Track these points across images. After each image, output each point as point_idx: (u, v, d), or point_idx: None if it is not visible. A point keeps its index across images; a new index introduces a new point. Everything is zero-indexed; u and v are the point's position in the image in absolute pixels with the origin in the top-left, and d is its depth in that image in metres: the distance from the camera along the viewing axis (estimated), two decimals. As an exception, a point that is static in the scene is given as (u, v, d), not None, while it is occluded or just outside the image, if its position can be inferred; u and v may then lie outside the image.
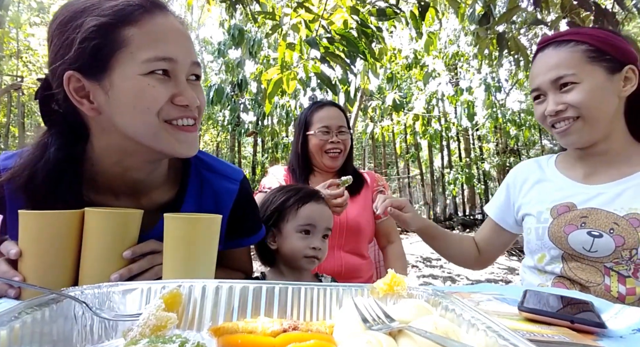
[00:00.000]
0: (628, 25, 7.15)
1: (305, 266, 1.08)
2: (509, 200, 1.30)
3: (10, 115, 8.77)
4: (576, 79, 1.02)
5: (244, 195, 1.02)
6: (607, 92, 1.03)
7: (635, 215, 1.00)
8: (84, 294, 0.55)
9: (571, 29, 1.09)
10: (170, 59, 0.76)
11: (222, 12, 6.27)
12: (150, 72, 0.74)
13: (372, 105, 8.44)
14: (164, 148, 0.80)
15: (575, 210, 1.08)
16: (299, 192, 1.14)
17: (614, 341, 0.56)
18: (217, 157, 1.06)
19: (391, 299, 0.61)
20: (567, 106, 1.04)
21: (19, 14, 10.29)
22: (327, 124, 1.66)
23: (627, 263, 1.01)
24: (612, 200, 1.04)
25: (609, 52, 1.03)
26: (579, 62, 1.03)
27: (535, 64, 1.12)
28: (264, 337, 0.50)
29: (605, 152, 1.10)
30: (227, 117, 9.55)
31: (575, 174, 1.16)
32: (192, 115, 0.82)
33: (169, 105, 0.78)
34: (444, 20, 7.56)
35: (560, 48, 1.06)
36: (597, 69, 1.02)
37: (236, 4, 2.84)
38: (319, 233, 1.09)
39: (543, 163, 1.27)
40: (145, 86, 0.74)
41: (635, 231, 0.99)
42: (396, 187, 12.79)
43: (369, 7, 2.39)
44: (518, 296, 0.70)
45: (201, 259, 0.75)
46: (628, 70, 1.04)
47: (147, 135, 0.78)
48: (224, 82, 8.47)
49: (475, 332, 0.47)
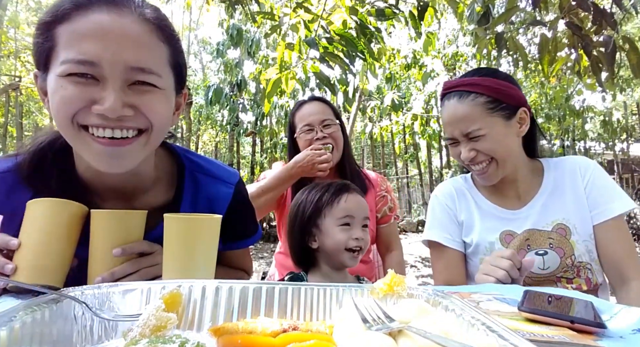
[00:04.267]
0: (626, 26, 7.17)
1: (348, 262, 1.06)
2: (453, 218, 1.31)
3: (9, 115, 8.75)
4: (481, 132, 1.14)
5: (239, 198, 1.01)
6: (509, 136, 1.17)
7: (560, 225, 1.18)
8: (84, 294, 0.54)
9: (468, 79, 1.20)
10: (89, 62, 0.68)
11: (221, 12, 6.27)
12: (67, 74, 0.69)
13: (371, 106, 8.43)
14: (86, 158, 0.75)
15: (517, 235, 1.21)
16: (330, 186, 1.12)
17: (613, 341, 0.56)
18: (211, 159, 1.04)
19: (391, 299, 0.61)
20: (478, 152, 1.17)
21: (17, 14, 10.27)
22: (308, 121, 1.58)
23: (571, 268, 1.16)
24: (538, 219, 1.20)
25: (504, 101, 1.16)
26: (481, 115, 1.15)
27: (444, 111, 1.23)
28: (264, 337, 0.50)
29: (514, 181, 1.25)
30: (225, 117, 9.53)
31: (500, 201, 1.28)
32: (116, 125, 0.72)
33: (86, 112, 0.71)
34: (442, 20, 7.57)
35: (463, 101, 1.17)
36: (496, 119, 1.15)
37: (235, 4, 2.84)
38: (358, 223, 1.08)
39: (466, 186, 1.35)
40: (58, 88, 0.69)
41: (566, 239, 1.17)
42: (395, 187, 12.79)
43: (368, 7, 2.39)
44: (518, 296, 0.70)
45: (201, 259, 0.75)
46: (521, 112, 1.18)
47: (70, 141, 0.74)
48: (223, 82, 8.46)
49: (475, 332, 0.47)
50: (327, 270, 1.09)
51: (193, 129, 12.35)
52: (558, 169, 1.25)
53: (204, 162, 0.99)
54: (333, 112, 1.64)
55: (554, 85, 8.11)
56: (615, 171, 10.60)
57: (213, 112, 10.54)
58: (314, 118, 1.59)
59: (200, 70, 15.34)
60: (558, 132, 9.70)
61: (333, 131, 1.59)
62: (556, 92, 7.87)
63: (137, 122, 0.74)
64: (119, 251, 0.75)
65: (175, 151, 0.98)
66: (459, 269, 1.28)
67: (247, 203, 1.07)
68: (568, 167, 1.24)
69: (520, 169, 1.25)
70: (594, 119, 9.82)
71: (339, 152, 1.62)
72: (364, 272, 1.58)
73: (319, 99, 1.70)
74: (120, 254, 0.75)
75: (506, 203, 1.26)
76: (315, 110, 1.61)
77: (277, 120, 9.67)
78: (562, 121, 8.76)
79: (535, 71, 7.13)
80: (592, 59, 2.01)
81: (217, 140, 13.21)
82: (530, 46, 6.90)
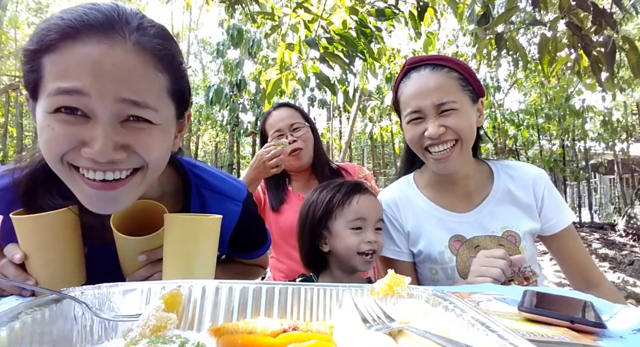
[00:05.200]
0: (626, 26, 7.17)
1: (360, 266, 1.02)
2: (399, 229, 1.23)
3: (9, 115, 8.75)
4: (455, 106, 1.07)
5: (247, 216, 0.97)
6: (473, 120, 1.12)
7: (510, 232, 1.15)
8: (84, 294, 0.55)
9: (437, 55, 1.18)
10: (76, 91, 0.61)
11: (221, 12, 6.27)
12: (55, 109, 0.63)
13: (371, 106, 8.43)
14: (78, 198, 0.70)
15: (466, 241, 1.16)
16: (342, 187, 1.09)
17: (613, 341, 0.56)
18: (218, 173, 0.98)
19: (391, 299, 0.61)
20: (447, 129, 1.07)
21: (17, 14, 10.27)
22: (278, 127, 1.63)
23: (517, 274, 1.14)
24: (487, 224, 1.16)
25: (471, 83, 1.12)
26: (456, 89, 1.09)
27: (411, 83, 1.13)
28: (264, 337, 0.50)
29: (464, 177, 1.19)
30: (226, 117, 9.53)
31: (446, 203, 1.21)
32: (107, 168, 0.66)
33: (76, 153, 0.65)
34: (442, 20, 7.56)
35: (436, 72, 1.10)
36: (466, 98, 1.10)
37: (235, 4, 2.84)
38: (370, 226, 1.04)
39: (409, 191, 1.26)
40: (45, 127, 0.63)
41: (515, 246, 1.13)
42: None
43: (367, 7, 2.39)
44: (518, 296, 0.70)
45: (201, 259, 0.75)
46: (480, 103, 1.15)
47: (62, 178, 0.70)
48: (223, 82, 8.46)
49: (475, 332, 0.47)
50: (338, 274, 1.06)
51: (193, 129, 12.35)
52: (508, 175, 1.21)
53: (210, 178, 0.94)
54: (302, 116, 1.70)
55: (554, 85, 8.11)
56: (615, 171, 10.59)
57: (213, 112, 10.54)
58: (283, 123, 1.65)
59: (200, 71, 15.36)
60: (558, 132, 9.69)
61: (302, 134, 1.64)
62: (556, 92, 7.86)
63: (131, 163, 0.69)
64: (144, 257, 0.75)
65: (182, 165, 0.94)
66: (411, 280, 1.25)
67: (254, 218, 1.03)
68: (518, 175, 1.20)
69: (471, 165, 1.20)
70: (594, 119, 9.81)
71: (310, 152, 1.67)
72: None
73: (287, 105, 1.76)
74: (145, 261, 0.76)
75: (454, 205, 1.20)
76: (284, 115, 1.67)
77: (277, 120, 9.65)
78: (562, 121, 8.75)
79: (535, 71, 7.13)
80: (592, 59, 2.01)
81: (217, 140, 13.21)
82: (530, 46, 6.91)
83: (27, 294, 0.71)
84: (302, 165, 1.66)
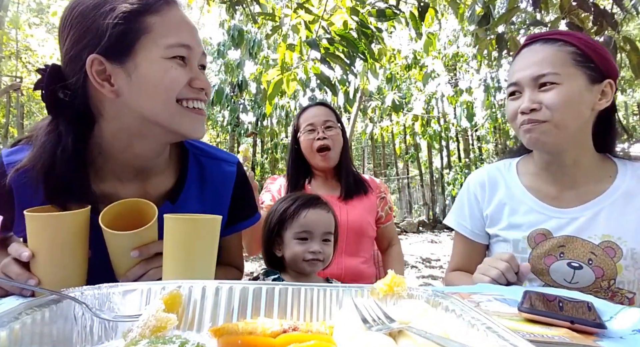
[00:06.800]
0: (627, 26, 7.16)
1: (308, 269, 1.12)
2: (476, 209, 1.21)
3: (10, 116, 8.76)
4: (557, 80, 0.97)
5: (241, 177, 1.06)
6: (583, 101, 0.99)
7: (610, 243, 0.99)
8: (83, 295, 0.55)
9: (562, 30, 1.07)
10: (187, 46, 0.82)
11: (221, 12, 6.28)
12: (172, 57, 0.80)
13: (372, 106, 8.43)
14: (179, 128, 0.85)
15: (551, 238, 1.05)
16: (297, 200, 1.18)
17: (614, 342, 0.56)
18: (210, 144, 1.12)
19: (391, 300, 0.61)
20: (542, 106, 0.98)
21: (18, 15, 10.28)
22: (312, 121, 1.67)
23: (605, 291, 1.00)
24: (585, 227, 1.03)
25: (594, 60, 0.99)
26: (564, 63, 0.99)
27: (519, 58, 1.07)
28: (264, 337, 0.50)
29: (573, 165, 1.06)
30: (226, 117, 9.54)
31: (544, 194, 1.10)
32: (204, 98, 0.88)
33: (187, 88, 0.83)
34: (443, 21, 7.57)
35: (547, 45, 1.02)
36: (579, 74, 0.99)
37: (236, 5, 2.84)
38: (317, 238, 1.13)
39: (505, 173, 1.19)
40: (169, 68, 0.80)
41: (612, 261, 0.99)
42: (395, 187, 12.78)
43: (368, 7, 2.39)
44: (518, 296, 0.70)
45: (201, 260, 0.75)
46: (607, 84, 1.01)
47: (165, 115, 0.82)
48: (224, 82, 8.47)
49: (475, 332, 0.47)
50: (294, 274, 1.15)
51: (194, 130, 12.31)
52: (635, 176, 1.04)
53: (205, 146, 1.06)
54: (335, 117, 1.73)
55: (554, 85, 8.08)
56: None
57: (214, 113, 10.55)
58: (317, 119, 1.67)
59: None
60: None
61: (333, 134, 1.66)
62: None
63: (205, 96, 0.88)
64: (136, 253, 0.76)
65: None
66: (472, 259, 1.19)
67: (248, 183, 1.11)
68: None
69: (584, 156, 1.06)
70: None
71: (337, 154, 1.68)
72: (364, 271, 1.59)
73: (324, 104, 1.79)
74: (138, 256, 0.77)
75: (555, 199, 1.08)
76: (319, 112, 1.71)
77: (277, 120, 9.68)
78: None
79: (536, 72, 7.10)
80: (593, 60, 2.00)
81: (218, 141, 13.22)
82: (531, 47, 6.87)
83: (27, 294, 0.72)
84: (327, 166, 1.68)
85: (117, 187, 0.90)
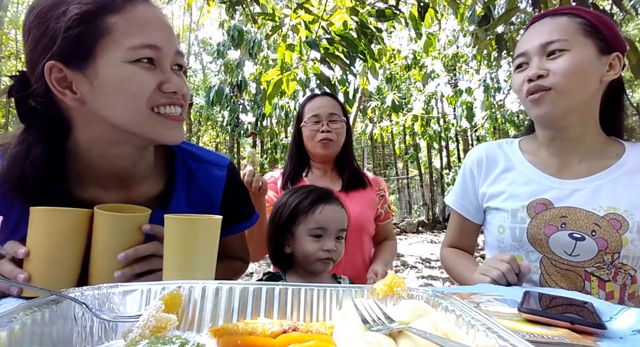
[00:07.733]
0: (627, 26, 7.17)
1: (320, 268, 1.06)
2: (470, 187, 1.21)
3: (9, 116, 8.76)
4: (566, 46, 0.96)
5: (233, 181, 1.02)
6: (592, 70, 0.97)
7: (616, 215, 0.96)
8: (83, 295, 0.54)
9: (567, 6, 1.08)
10: (155, 46, 0.75)
11: (221, 13, 6.28)
12: (136, 60, 0.74)
13: (371, 106, 8.44)
14: (152, 135, 0.80)
15: (552, 208, 1.02)
16: (310, 194, 1.11)
17: (614, 342, 0.56)
18: (201, 147, 1.06)
19: (391, 300, 0.61)
20: (549, 73, 0.97)
21: (18, 15, 10.28)
22: (317, 112, 1.62)
23: (608, 267, 0.97)
24: (590, 198, 1.00)
25: (603, 32, 0.99)
26: (574, 32, 0.98)
27: (527, 32, 1.05)
28: (264, 338, 0.50)
29: (577, 139, 1.04)
30: (226, 118, 9.55)
31: (545, 165, 1.09)
32: (180, 102, 0.82)
33: (157, 93, 0.77)
34: (443, 21, 7.58)
35: (556, 17, 1.01)
36: (589, 43, 0.97)
37: (236, 5, 2.84)
38: (331, 235, 1.07)
39: (506, 148, 1.18)
40: (132, 73, 0.74)
41: (617, 233, 0.95)
42: (395, 187, 12.78)
43: (368, 8, 2.39)
44: (518, 297, 0.70)
45: (201, 260, 0.74)
46: (615, 57, 1.00)
47: (134, 123, 0.77)
48: (224, 83, 8.48)
49: (475, 333, 0.47)
50: (303, 273, 1.10)
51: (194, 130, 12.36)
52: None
53: (194, 149, 1.01)
54: (342, 110, 1.69)
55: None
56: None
57: (213, 113, 10.56)
58: (322, 111, 1.63)
59: (201, 71, 15.37)
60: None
61: (338, 127, 1.63)
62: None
63: (181, 100, 0.83)
64: (123, 256, 0.74)
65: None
66: (466, 237, 1.24)
67: (241, 185, 1.08)
68: None
69: (589, 130, 1.04)
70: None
71: (339, 146, 1.66)
72: (363, 266, 1.59)
73: (330, 95, 1.75)
74: (124, 259, 0.74)
75: (560, 170, 1.06)
76: (325, 103, 1.66)
77: (277, 121, 9.69)
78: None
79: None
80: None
81: (218, 141, 13.23)
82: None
83: (14, 292, 0.69)
84: (328, 156, 1.65)
85: (100, 195, 0.85)
